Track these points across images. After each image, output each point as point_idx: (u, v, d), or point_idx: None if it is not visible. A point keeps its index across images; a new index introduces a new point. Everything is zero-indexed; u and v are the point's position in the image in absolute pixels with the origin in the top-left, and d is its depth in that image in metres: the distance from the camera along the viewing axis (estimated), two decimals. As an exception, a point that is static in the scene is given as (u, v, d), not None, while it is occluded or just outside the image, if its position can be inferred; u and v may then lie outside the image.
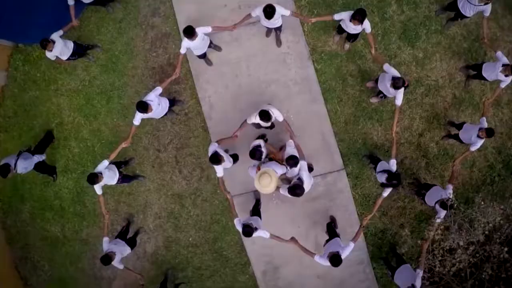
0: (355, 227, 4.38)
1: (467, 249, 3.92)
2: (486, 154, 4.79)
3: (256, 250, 4.52)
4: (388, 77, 3.62)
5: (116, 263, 3.94)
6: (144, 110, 3.49)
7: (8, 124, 5.12)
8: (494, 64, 3.99)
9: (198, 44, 3.69)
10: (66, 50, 4.17)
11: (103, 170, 3.72)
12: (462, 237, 3.66)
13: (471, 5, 4.07)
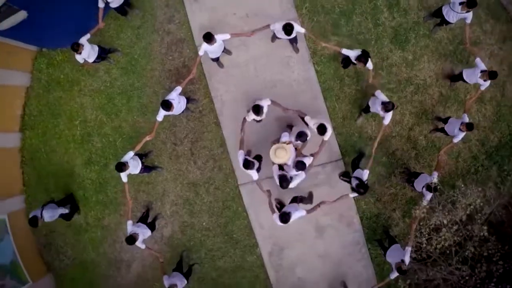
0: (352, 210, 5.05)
1: (451, 228, 4.53)
2: (470, 146, 5.41)
3: (263, 233, 5.13)
4: (378, 102, 4.20)
5: (139, 243, 4.51)
6: (168, 108, 4.07)
7: (33, 122, 5.71)
8: (474, 70, 4.57)
9: (215, 49, 4.27)
10: (93, 53, 4.74)
11: (128, 160, 4.30)
12: (445, 216, 4.27)
13: (454, 12, 4.67)
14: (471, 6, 4.38)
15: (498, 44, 5.52)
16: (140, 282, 5.51)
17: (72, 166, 5.49)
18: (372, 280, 5.14)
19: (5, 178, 5.70)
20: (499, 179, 5.37)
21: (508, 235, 5.39)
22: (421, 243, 4.48)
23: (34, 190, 5.72)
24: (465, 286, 4.87)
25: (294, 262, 5.11)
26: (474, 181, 5.37)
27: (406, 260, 4.37)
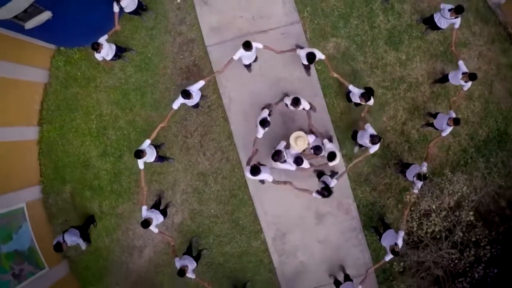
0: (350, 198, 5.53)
1: (439, 213, 5.02)
2: (460, 140, 5.91)
3: (267, 219, 5.61)
4: (367, 135, 4.64)
5: (153, 227, 4.96)
6: (187, 97, 4.47)
7: (51, 117, 6.17)
8: (456, 73, 5.06)
9: (250, 55, 4.68)
10: (110, 51, 5.20)
11: (145, 148, 4.75)
12: (434, 202, 4.75)
13: (444, 18, 5.17)
14: (459, 12, 4.88)
15: (486, 46, 6.03)
16: (151, 267, 5.97)
17: (88, 157, 5.97)
18: (369, 264, 5.61)
19: (23, 169, 6.15)
20: (486, 171, 5.87)
21: (495, 222, 5.90)
22: (412, 227, 4.97)
23: (51, 180, 6.17)
24: (454, 269, 5.36)
25: (296, 246, 5.59)
26: (464, 172, 5.87)
27: (399, 243, 4.84)
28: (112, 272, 6.14)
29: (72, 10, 4.91)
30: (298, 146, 4.55)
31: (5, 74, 5.50)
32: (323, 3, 5.57)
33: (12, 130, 5.86)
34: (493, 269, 5.45)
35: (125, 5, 4.86)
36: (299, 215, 5.42)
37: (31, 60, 5.94)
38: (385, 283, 5.85)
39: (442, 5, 5.07)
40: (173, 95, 5.71)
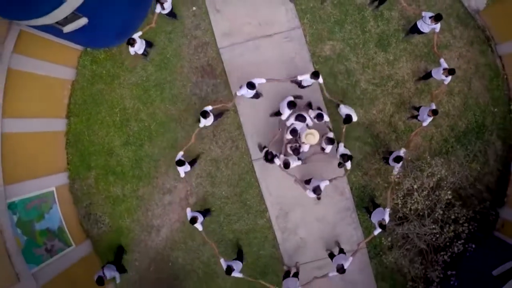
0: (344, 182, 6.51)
1: (421, 193, 5.97)
2: (442, 131, 6.87)
3: (271, 199, 6.56)
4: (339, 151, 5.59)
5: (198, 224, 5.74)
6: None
7: (79, 110, 7.12)
8: (438, 69, 6.02)
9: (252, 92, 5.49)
10: (142, 46, 6.06)
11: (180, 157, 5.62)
12: (415, 182, 5.70)
13: (426, 24, 6.13)
14: (438, 19, 5.86)
15: (466, 47, 7.02)
16: (168, 244, 6.90)
17: (111, 146, 6.91)
18: (361, 240, 6.55)
19: (53, 157, 7.10)
20: (466, 158, 6.83)
21: (473, 203, 6.85)
22: (397, 205, 5.92)
23: (77, 167, 7.11)
24: (436, 243, 6.31)
25: (297, 224, 6.52)
26: (445, 159, 6.83)
27: (386, 218, 5.77)
28: (132, 249, 7.05)
29: (104, 17, 5.87)
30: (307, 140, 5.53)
31: (40, 72, 6.47)
32: (321, 11, 6.57)
33: (44, 121, 6.82)
34: (471, 245, 6.42)
35: (167, 6, 5.76)
36: (299, 196, 6.35)
37: (61, 60, 6.90)
38: (376, 258, 6.79)
39: (423, 13, 6.03)
40: (189, 91, 6.69)
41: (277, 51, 6.44)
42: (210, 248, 6.76)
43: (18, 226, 6.08)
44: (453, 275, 6.28)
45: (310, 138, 5.48)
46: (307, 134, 5.49)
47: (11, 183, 5.95)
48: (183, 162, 5.64)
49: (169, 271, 7.01)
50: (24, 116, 6.29)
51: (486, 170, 7.03)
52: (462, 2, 7.05)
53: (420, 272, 6.32)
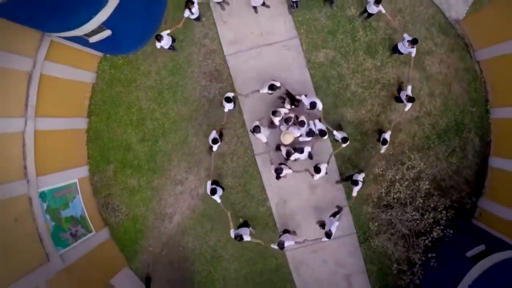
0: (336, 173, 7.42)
1: (402, 183, 6.89)
2: (424, 129, 7.79)
3: (272, 189, 7.50)
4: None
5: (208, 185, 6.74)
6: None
7: (98, 110, 8.05)
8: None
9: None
10: (168, 41, 6.88)
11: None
12: (397, 173, 6.61)
13: (404, 47, 7.00)
14: (414, 43, 6.72)
15: (447, 53, 7.94)
16: (179, 230, 7.83)
17: (129, 142, 7.84)
18: (351, 224, 7.52)
19: (75, 152, 8.03)
20: (445, 154, 7.75)
21: (450, 193, 7.76)
22: (382, 193, 6.84)
23: (97, 162, 8.04)
24: (417, 228, 7.23)
25: (294, 211, 7.44)
26: (427, 154, 7.75)
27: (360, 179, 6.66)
28: (147, 235, 7.99)
29: (125, 28, 6.79)
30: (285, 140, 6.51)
31: (66, 76, 7.39)
32: (316, 22, 7.50)
33: (68, 120, 7.74)
34: (449, 230, 7.34)
35: (194, 11, 6.66)
36: (296, 186, 7.29)
37: (84, 65, 7.82)
38: (365, 243, 7.72)
39: (404, 35, 6.88)
40: (198, 93, 7.62)
41: (276, 58, 7.37)
42: (217, 234, 7.75)
43: (47, 213, 7.01)
44: (433, 257, 7.20)
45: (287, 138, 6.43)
46: (285, 134, 6.43)
47: (42, 175, 6.90)
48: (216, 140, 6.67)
49: (179, 255, 7.94)
50: (52, 115, 7.22)
51: (465, 164, 7.96)
52: (443, 12, 7.98)
53: (403, 254, 7.25)
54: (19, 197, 6.37)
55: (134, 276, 8.17)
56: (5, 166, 6.25)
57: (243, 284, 7.76)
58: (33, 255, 6.40)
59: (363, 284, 7.82)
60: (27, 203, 6.52)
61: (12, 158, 6.43)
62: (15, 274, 5.98)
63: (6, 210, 6.13)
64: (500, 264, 6.40)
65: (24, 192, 6.50)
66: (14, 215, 6.31)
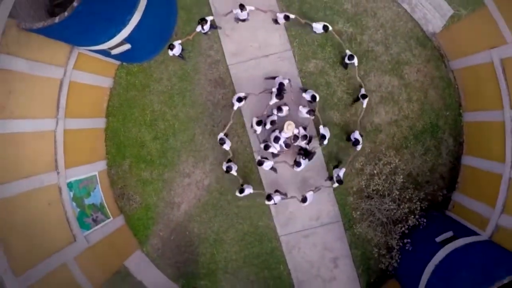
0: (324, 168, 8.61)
1: (381, 177, 8.07)
2: (402, 130, 8.94)
3: (267, 181, 8.68)
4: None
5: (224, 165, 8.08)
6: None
7: (115, 112, 9.27)
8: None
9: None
10: (179, 50, 8.10)
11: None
12: (375, 168, 7.79)
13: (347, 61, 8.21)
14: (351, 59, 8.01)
15: (424, 63, 9.09)
16: (186, 217, 9.04)
17: (143, 140, 9.05)
18: (337, 213, 8.72)
19: (95, 148, 9.26)
20: (421, 152, 8.91)
21: (427, 187, 8.92)
22: (362, 186, 8.01)
23: (114, 157, 9.27)
24: (393, 216, 8.39)
25: (287, 201, 8.62)
26: (405, 153, 8.91)
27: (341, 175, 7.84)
28: (157, 222, 9.21)
29: (142, 42, 8.00)
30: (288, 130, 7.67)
31: (90, 82, 8.61)
32: (307, 36, 8.67)
33: (90, 120, 8.97)
34: (423, 219, 8.50)
35: (206, 28, 7.93)
36: (290, 179, 8.48)
37: (104, 72, 9.05)
38: (349, 229, 8.89)
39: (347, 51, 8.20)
40: (204, 98, 8.83)
41: (272, 68, 8.54)
42: (220, 220, 8.96)
43: (73, 200, 8.24)
44: (408, 243, 8.36)
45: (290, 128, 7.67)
46: (288, 125, 7.64)
47: (69, 168, 8.12)
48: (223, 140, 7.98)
49: (186, 239, 9.16)
50: (77, 116, 8.45)
51: (440, 162, 9.12)
52: (421, 27, 9.14)
53: (382, 239, 8.41)
54: (51, 186, 7.60)
55: (146, 258, 9.43)
56: (40, 160, 7.48)
57: (242, 265, 8.98)
58: (63, 235, 7.63)
59: (348, 266, 9.00)
60: (58, 192, 7.75)
61: (46, 152, 7.66)
62: (49, 250, 7.21)
63: (42, 196, 7.36)
64: (463, 247, 7.58)
65: (55, 182, 7.72)
66: (48, 201, 7.56)
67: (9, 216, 6.54)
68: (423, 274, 7.63)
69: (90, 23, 6.44)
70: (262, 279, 9.01)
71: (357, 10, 8.90)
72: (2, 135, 6.58)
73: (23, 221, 6.84)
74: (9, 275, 6.35)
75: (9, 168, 6.69)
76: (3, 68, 6.45)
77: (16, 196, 6.74)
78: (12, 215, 6.66)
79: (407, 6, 9.15)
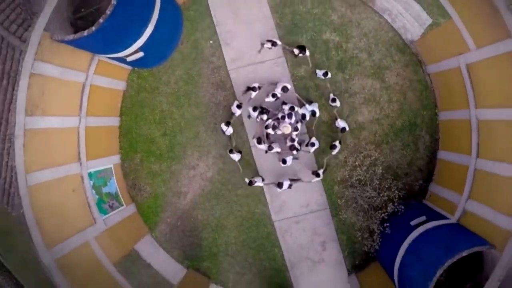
0: (312, 160, 9.85)
1: (362, 168, 9.31)
2: (383, 128, 10.17)
3: (263, 172, 9.90)
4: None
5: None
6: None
7: (128, 112, 10.54)
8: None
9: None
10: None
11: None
12: (356, 160, 9.03)
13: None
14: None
15: (403, 68, 10.30)
16: (192, 205, 10.28)
17: (153, 137, 10.32)
18: (325, 201, 9.93)
19: (110, 144, 10.54)
20: (400, 147, 10.14)
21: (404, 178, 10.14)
22: (346, 176, 9.25)
23: (127, 151, 10.51)
24: (374, 203, 9.61)
25: (279, 190, 9.80)
26: (385, 148, 10.14)
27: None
28: (165, 209, 10.46)
29: (153, 50, 9.30)
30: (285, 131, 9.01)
31: (106, 85, 9.91)
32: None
33: (106, 119, 10.26)
34: (401, 206, 9.70)
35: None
36: (284, 170, 9.73)
37: (118, 76, 10.35)
38: (336, 216, 10.10)
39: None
40: (207, 99, 10.07)
41: (268, 73, 9.79)
42: (221, 208, 10.19)
43: (93, 188, 9.51)
44: (388, 227, 9.57)
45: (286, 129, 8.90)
46: (284, 127, 8.89)
47: (89, 160, 9.41)
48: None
49: (191, 225, 10.40)
50: (96, 115, 9.73)
51: (418, 156, 10.32)
52: (400, 35, 10.36)
53: (364, 224, 9.62)
54: (75, 175, 8.87)
55: (155, 242, 10.68)
56: (66, 152, 8.76)
57: (240, 248, 10.20)
58: (85, 218, 8.89)
59: (335, 249, 10.20)
60: (80, 180, 9.02)
61: (71, 146, 8.94)
62: (74, 230, 8.48)
63: (67, 183, 8.64)
64: (433, 229, 8.78)
65: (78, 171, 9.00)
66: (73, 187, 8.85)
67: (42, 198, 7.84)
68: (399, 252, 8.85)
69: (111, 35, 7.73)
70: (259, 261, 10.24)
71: (343, 21, 10.17)
72: (37, 129, 7.90)
73: (53, 203, 8.13)
74: (42, 248, 7.66)
75: (42, 158, 8.00)
76: (38, 73, 7.77)
77: (48, 182, 8.04)
78: (45, 198, 7.96)
79: (388, 17, 10.40)
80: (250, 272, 10.27)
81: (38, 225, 7.64)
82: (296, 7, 10.09)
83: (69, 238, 8.26)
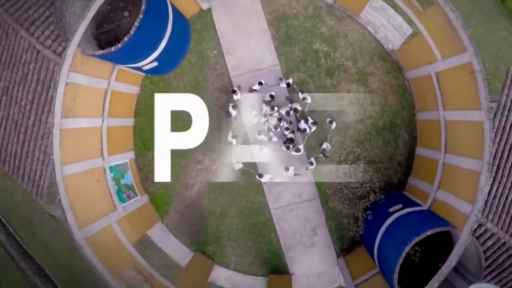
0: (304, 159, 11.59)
1: (347, 162, 11.02)
2: (367, 127, 11.83)
3: (262, 167, 11.61)
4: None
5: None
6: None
7: (142, 113, 12.21)
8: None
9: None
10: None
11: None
12: (342, 156, 10.75)
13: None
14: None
15: (384, 74, 11.95)
16: (198, 195, 11.96)
17: (164, 135, 12.07)
18: (317, 194, 11.63)
19: (126, 141, 12.26)
20: (382, 144, 11.82)
21: (384, 171, 11.84)
22: (333, 169, 10.97)
23: (140, 148, 12.19)
24: (357, 192, 11.31)
25: (276, 181, 11.50)
26: (368, 144, 11.82)
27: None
28: (175, 199, 12.15)
29: (165, 60, 11.02)
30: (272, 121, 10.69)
31: (124, 90, 11.62)
32: (292, 54, 11.57)
33: (123, 120, 11.97)
34: (382, 196, 11.39)
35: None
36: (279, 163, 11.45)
37: (134, 82, 12.07)
38: (325, 205, 11.77)
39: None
40: (212, 102, 11.69)
41: (265, 79, 11.45)
42: (224, 198, 11.87)
43: (113, 180, 11.18)
44: (370, 214, 11.26)
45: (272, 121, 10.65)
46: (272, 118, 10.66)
47: (110, 155, 11.15)
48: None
49: (197, 213, 12.10)
50: (115, 116, 11.46)
51: (398, 152, 11.98)
52: (382, 45, 12.04)
53: (349, 211, 11.32)
54: (98, 168, 10.55)
55: (165, 228, 12.40)
56: (92, 148, 10.48)
57: (241, 233, 11.88)
58: (107, 205, 10.59)
59: (325, 234, 11.84)
60: (103, 172, 10.70)
61: (95, 143, 10.67)
62: (97, 215, 10.19)
63: (93, 175, 10.34)
64: (406, 214, 10.46)
65: (101, 165, 10.68)
66: (97, 178, 10.58)
67: (75, 187, 9.56)
68: (378, 235, 10.56)
69: (133, 50, 9.45)
70: (257, 244, 11.93)
71: (331, 32, 11.85)
72: (70, 129, 9.63)
73: (82, 191, 9.84)
74: (75, 228, 9.39)
75: (74, 153, 9.72)
76: (72, 81, 9.49)
77: (78, 173, 9.73)
78: (75, 187, 9.69)
79: (371, 28, 12.08)
80: (250, 254, 11.97)
81: (72, 209, 9.37)
82: (290, 21, 11.79)
83: (94, 222, 9.98)
